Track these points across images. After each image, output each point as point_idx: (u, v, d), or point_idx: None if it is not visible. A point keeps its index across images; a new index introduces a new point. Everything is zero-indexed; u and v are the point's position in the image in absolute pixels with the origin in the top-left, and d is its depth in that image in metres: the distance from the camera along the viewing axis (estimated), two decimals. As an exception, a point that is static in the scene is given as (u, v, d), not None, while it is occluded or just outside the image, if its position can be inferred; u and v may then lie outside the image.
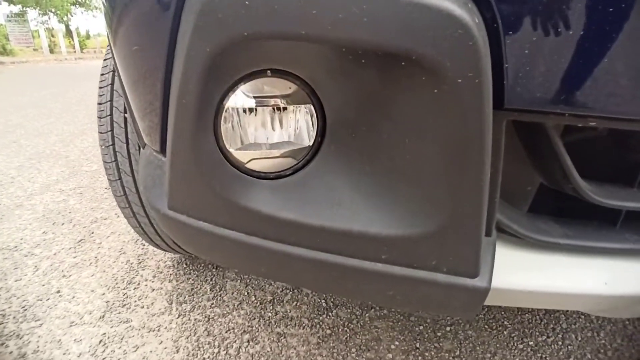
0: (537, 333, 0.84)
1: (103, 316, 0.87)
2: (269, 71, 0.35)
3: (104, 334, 0.82)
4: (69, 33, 20.07)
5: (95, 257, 1.09)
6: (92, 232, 1.23)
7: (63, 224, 1.29)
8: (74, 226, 1.27)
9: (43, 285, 0.97)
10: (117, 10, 0.42)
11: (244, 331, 0.83)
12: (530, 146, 0.37)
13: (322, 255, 0.37)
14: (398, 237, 0.34)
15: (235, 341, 0.80)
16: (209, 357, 0.77)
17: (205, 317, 0.87)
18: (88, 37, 25.84)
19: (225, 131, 0.37)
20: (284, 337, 0.81)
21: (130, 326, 0.84)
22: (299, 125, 0.37)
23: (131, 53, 0.41)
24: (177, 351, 0.78)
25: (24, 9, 18.16)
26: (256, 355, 0.77)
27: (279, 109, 0.37)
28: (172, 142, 0.37)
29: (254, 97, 0.36)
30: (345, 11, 0.26)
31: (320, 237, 0.36)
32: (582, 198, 0.36)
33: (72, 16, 20.99)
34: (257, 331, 0.83)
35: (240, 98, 0.36)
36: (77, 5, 21.51)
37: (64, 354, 0.77)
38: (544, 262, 0.38)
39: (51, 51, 16.47)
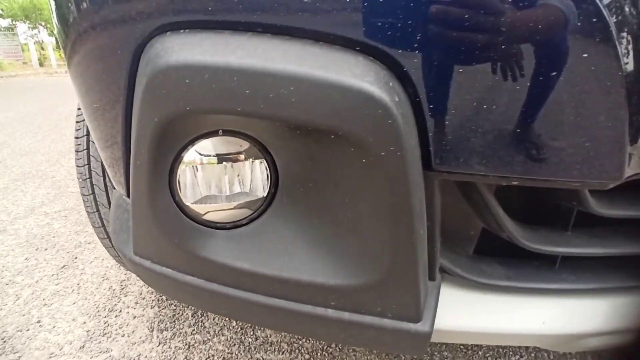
0: (511, 353, 0.86)
1: (83, 346, 0.87)
2: (220, 131, 0.37)
3: (84, 365, 0.82)
4: (59, 46, 19.98)
5: (78, 284, 1.09)
6: (76, 258, 1.23)
7: (46, 249, 1.29)
8: (57, 251, 1.27)
9: (23, 315, 0.97)
10: (80, 73, 0.44)
11: (224, 358, 0.84)
12: (468, 198, 0.39)
13: (278, 302, 0.39)
14: (344, 286, 0.36)
15: (214, 369, 0.81)
16: (187, 386, 0.77)
17: (186, 344, 0.87)
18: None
19: (180, 187, 0.38)
20: (263, 363, 0.82)
21: (110, 356, 0.84)
22: (253, 177, 0.39)
23: (93, 110, 0.43)
24: (156, 381, 0.78)
25: (14, 22, 18.12)
26: (235, 382, 0.78)
27: (233, 163, 0.38)
28: (132, 195, 0.39)
29: (207, 155, 0.38)
30: (275, 92, 0.28)
31: (273, 285, 0.38)
32: (517, 244, 0.39)
33: (62, 29, 20.92)
34: (237, 357, 0.84)
35: (193, 156, 0.37)
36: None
37: (42, 387, 0.77)
38: (487, 303, 0.40)
39: (41, 64, 16.40)
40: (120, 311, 0.98)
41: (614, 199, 0.37)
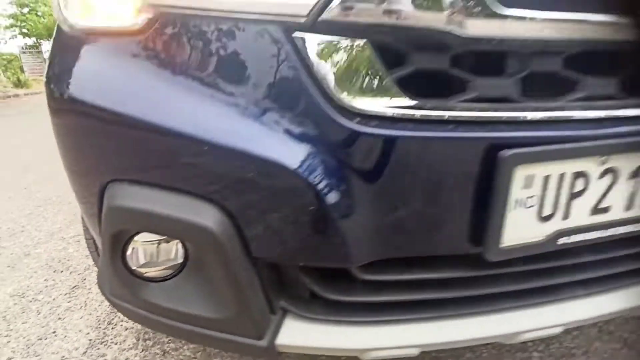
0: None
1: (85, 352, 1.14)
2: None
3: (86, 365, 1.09)
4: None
5: (85, 302, 1.37)
6: (85, 279, 1.51)
7: (62, 271, 1.58)
8: (71, 273, 1.56)
9: (43, 326, 1.25)
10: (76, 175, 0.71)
11: (191, 362, 1.10)
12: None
13: (184, 325, 0.64)
14: (217, 318, 0.61)
15: (182, 370, 1.07)
16: (161, 382, 1.03)
17: (162, 351, 1.13)
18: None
19: (128, 258, 0.64)
20: (220, 366, 1.08)
21: (105, 359, 1.11)
22: (175, 250, 0.65)
23: (79, 187, 0.70)
24: (139, 378, 1.05)
25: (38, 41, 19.06)
26: (196, 380, 1.04)
27: (162, 244, 0.64)
28: (100, 259, 0.66)
29: (146, 241, 0.64)
30: (157, 222, 0.55)
31: (184, 316, 0.64)
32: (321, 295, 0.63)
33: (83, 45, 21.83)
34: (200, 361, 1.10)
35: (137, 243, 0.64)
36: (88, 35, 22.36)
37: (55, 381, 1.04)
38: (317, 329, 0.64)
39: (64, 80, 17.17)
40: (116, 324, 1.25)
41: (380, 268, 0.61)
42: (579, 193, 0.57)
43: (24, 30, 18.53)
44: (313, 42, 0.50)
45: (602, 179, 0.56)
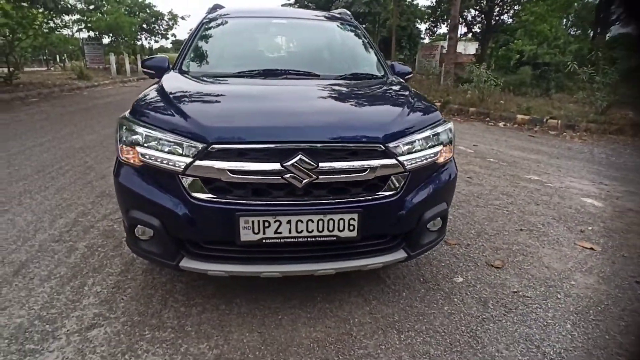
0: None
1: (120, 273, 2.43)
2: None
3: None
4: (134, 54, 23.18)
5: (121, 253, 2.67)
6: (121, 242, 2.81)
7: (110, 238, 2.89)
8: (115, 239, 2.87)
9: (106, 267, 2.56)
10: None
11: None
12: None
13: (149, 255, 1.90)
14: (157, 252, 1.86)
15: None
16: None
17: (151, 267, 2.40)
18: (151, 54, 29.27)
19: (136, 231, 1.89)
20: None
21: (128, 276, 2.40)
22: (149, 231, 1.90)
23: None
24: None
25: (100, 35, 21.38)
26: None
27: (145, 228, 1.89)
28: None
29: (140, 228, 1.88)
30: None
31: (148, 252, 1.89)
32: None
33: (138, 41, 24.12)
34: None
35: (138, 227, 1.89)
36: (143, 32, 24.64)
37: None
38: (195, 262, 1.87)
39: (118, 71, 19.31)
40: (135, 262, 2.53)
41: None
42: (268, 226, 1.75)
43: (89, 25, 20.82)
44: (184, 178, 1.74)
45: (276, 223, 1.74)
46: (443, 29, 24.94)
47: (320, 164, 1.71)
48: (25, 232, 2.92)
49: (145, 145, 1.78)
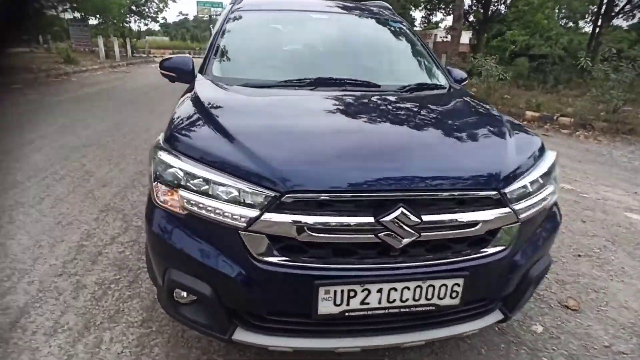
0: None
1: (141, 324, 2.00)
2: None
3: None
4: (123, 37, 22.02)
5: (138, 293, 2.23)
6: (137, 276, 2.37)
7: (123, 269, 2.44)
8: (129, 271, 2.42)
9: (116, 306, 2.12)
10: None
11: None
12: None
13: (194, 325, 1.48)
14: (206, 324, 1.44)
15: None
16: None
17: (183, 329, 1.98)
18: (139, 37, 27.98)
19: (175, 294, 1.46)
20: None
21: (151, 330, 1.97)
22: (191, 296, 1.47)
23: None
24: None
25: (86, 16, 20.14)
26: None
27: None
28: (159, 291, 1.49)
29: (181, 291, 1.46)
30: None
31: (193, 321, 1.46)
32: None
33: (127, 24, 22.92)
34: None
35: (178, 292, 1.46)
36: (132, 14, 23.41)
37: (125, 339, 1.91)
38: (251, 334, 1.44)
39: (106, 55, 18.29)
40: (157, 309, 2.10)
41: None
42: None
43: (75, 5, 19.54)
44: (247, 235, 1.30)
45: (364, 292, 1.34)
46: (438, 16, 24.38)
47: (424, 218, 1.30)
48: (22, 262, 2.45)
49: (193, 189, 1.34)
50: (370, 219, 1.29)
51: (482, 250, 1.44)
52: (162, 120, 6.87)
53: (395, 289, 1.35)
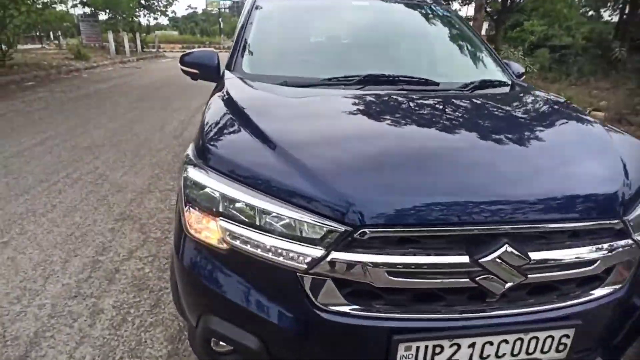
0: None
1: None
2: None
3: None
4: (132, 32, 21.84)
5: (162, 319, 1.98)
6: (159, 299, 2.13)
7: (143, 290, 2.20)
8: (150, 292, 2.18)
9: (137, 336, 1.87)
10: None
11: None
12: None
13: None
14: None
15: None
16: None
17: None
18: (148, 32, 27.78)
19: (213, 343, 1.20)
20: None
21: (178, 366, 1.72)
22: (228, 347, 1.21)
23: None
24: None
25: (96, 11, 20.01)
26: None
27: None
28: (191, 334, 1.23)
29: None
30: None
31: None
32: None
33: (137, 18, 22.75)
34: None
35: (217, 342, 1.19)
36: (142, 8, 23.23)
37: None
38: None
39: (116, 51, 18.15)
40: (184, 341, 1.86)
41: None
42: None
43: (84, 0, 19.42)
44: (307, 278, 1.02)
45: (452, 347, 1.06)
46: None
47: (532, 256, 1.02)
48: (32, 280, 2.22)
49: (236, 217, 1.06)
50: (465, 259, 1.00)
51: (594, 290, 1.15)
52: (176, 118, 6.63)
53: (491, 343, 1.07)
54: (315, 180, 1.03)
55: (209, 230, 1.12)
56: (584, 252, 1.07)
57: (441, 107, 1.58)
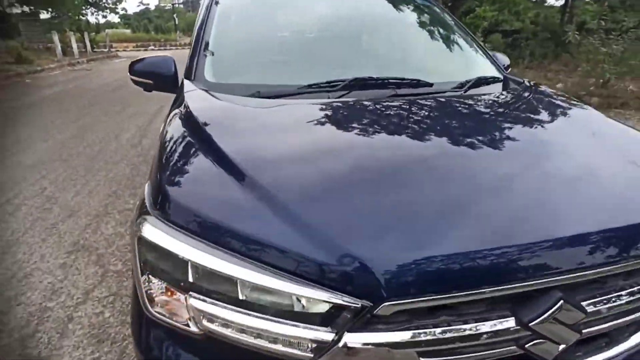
0: None
1: None
2: None
3: None
4: (80, 32, 20.32)
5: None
6: (124, 352, 1.80)
7: (104, 341, 1.86)
8: (112, 344, 1.84)
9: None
10: None
11: None
12: None
13: None
14: None
15: None
16: None
17: None
18: (98, 31, 26.05)
19: None
20: None
21: None
22: None
23: None
24: None
25: (36, 10, 18.39)
26: None
27: None
28: None
29: None
30: None
31: None
32: None
33: (84, 17, 21.20)
34: None
35: None
36: (89, 6, 21.68)
37: None
38: None
39: (64, 52, 16.81)
40: None
41: None
42: None
43: (21, -1, 17.76)
44: None
45: None
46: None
47: (587, 308, 0.81)
48: (-37, 343, 1.82)
49: (213, 294, 0.78)
50: (511, 323, 0.78)
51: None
52: (134, 123, 6.04)
53: None
54: (318, 240, 0.76)
55: (175, 307, 0.83)
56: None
57: (447, 120, 1.30)
